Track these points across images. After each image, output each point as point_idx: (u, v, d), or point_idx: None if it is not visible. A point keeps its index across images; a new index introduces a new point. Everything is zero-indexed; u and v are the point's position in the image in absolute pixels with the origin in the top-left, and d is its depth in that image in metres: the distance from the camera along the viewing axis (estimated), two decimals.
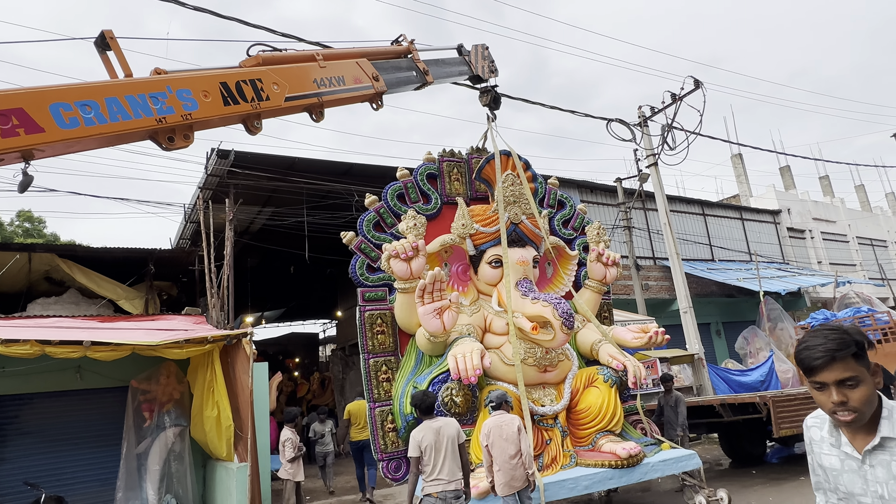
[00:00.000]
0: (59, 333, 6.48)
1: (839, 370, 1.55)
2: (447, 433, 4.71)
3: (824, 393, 1.59)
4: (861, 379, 1.55)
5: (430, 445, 4.66)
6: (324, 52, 5.58)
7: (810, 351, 1.59)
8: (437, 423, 4.79)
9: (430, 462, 4.65)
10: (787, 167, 27.48)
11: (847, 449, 1.63)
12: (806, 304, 18.90)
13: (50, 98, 3.48)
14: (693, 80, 12.07)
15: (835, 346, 1.55)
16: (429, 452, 4.66)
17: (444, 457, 4.64)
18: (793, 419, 7.54)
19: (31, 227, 20.22)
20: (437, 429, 4.72)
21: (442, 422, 4.84)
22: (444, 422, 4.85)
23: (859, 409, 1.55)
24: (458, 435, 4.77)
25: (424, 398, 4.97)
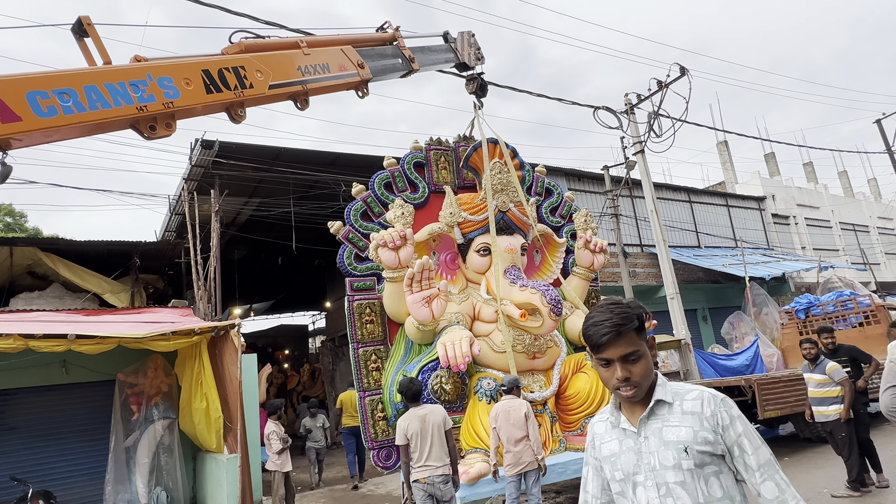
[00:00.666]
0: (43, 327, 6.40)
1: (624, 345, 1.54)
2: (433, 420, 4.74)
3: (609, 369, 1.57)
4: (642, 353, 1.56)
5: (416, 433, 4.69)
6: (308, 40, 5.50)
7: (597, 327, 1.55)
8: (422, 411, 4.82)
9: (416, 449, 4.69)
10: (771, 154, 27.74)
11: (625, 426, 1.63)
12: (790, 289, 19.17)
13: (27, 86, 3.40)
14: (679, 68, 12.09)
15: (620, 320, 1.53)
16: (415, 439, 4.69)
17: (431, 443, 4.67)
18: (777, 401, 7.67)
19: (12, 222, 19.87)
20: (423, 416, 4.76)
21: (428, 409, 4.87)
22: (430, 409, 4.88)
23: (640, 382, 1.55)
24: (444, 421, 4.80)
25: (410, 385, 4.99)
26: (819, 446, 8.12)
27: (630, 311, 1.57)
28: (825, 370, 5.82)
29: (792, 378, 8.01)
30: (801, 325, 11.98)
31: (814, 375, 5.96)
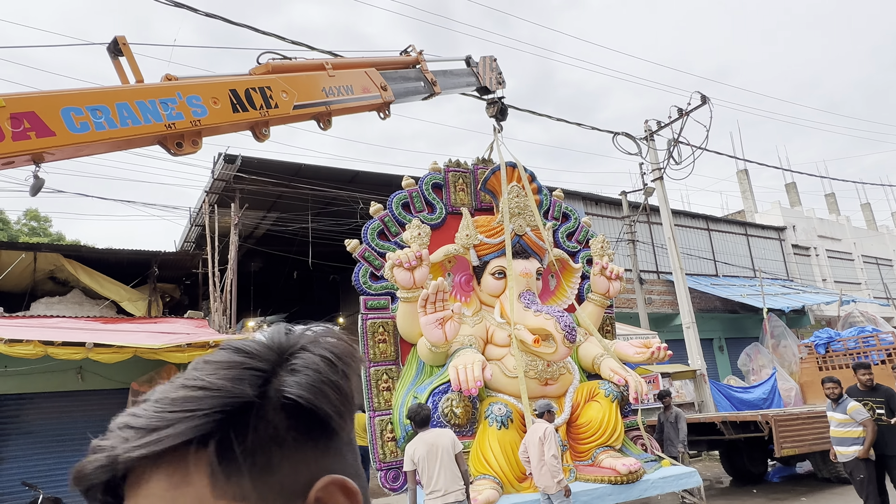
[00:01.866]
0: (62, 334, 6.50)
1: None
2: (441, 444, 4.67)
3: None
4: None
5: (423, 457, 4.64)
6: (333, 62, 5.62)
7: None
8: (430, 435, 4.76)
9: (424, 474, 4.63)
10: (792, 184, 27.44)
11: None
12: (810, 322, 18.79)
13: (62, 102, 3.52)
14: (700, 96, 12.09)
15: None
16: (422, 464, 4.64)
17: (440, 468, 4.61)
18: (795, 439, 7.48)
19: (37, 227, 20.32)
20: (431, 441, 4.70)
21: (436, 433, 4.81)
22: (438, 433, 4.83)
23: None
24: (453, 445, 4.73)
25: (419, 410, 4.96)
26: (837, 486, 7.88)
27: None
28: (846, 410, 5.67)
29: (811, 415, 7.81)
30: (820, 360, 11.71)
31: (835, 414, 5.81)
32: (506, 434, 5.87)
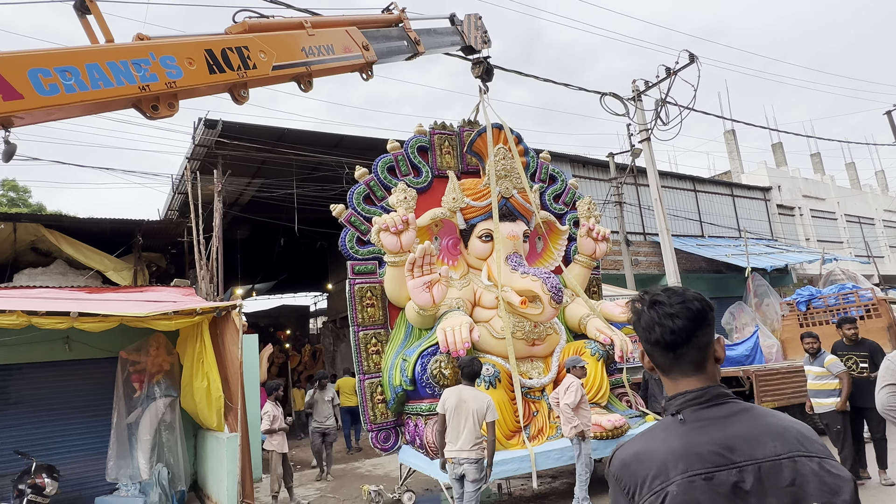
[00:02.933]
0: (45, 304, 6.44)
1: None
2: (474, 406, 4.72)
3: None
4: None
5: (451, 409, 4.75)
6: (312, 20, 5.44)
7: None
8: (468, 392, 4.84)
9: (450, 424, 4.75)
10: (779, 144, 27.49)
11: None
12: (792, 281, 19.14)
13: (28, 63, 3.38)
14: (688, 55, 11.93)
15: None
16: (450, 414, 4.76)
17: (464, 426, 4.69)
18: (774, 392, 7.70)
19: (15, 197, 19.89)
20: (466, 398, 4.76)
21: (474, 394, 4.85)
22: (477, 395, 4.85)
23: None
24: (487, 411, 4.73)
25: (470, 364, 4.99)
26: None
27: None
28: (823, 363, 5.83)
29: (790, 370, 8.03)
30: (801, 317, 11.97)
31: (813, 368, 5.98)
32: (494, 394, 5.97)
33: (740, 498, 1.08)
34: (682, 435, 1.17)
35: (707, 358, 1.26)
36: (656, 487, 1.11)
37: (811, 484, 1.09)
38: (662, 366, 1.28)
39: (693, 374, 1.25)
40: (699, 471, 1.10)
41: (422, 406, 6.10)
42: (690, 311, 1.25)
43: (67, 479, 6.85)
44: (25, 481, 6.07)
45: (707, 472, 1.10)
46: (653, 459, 1.15)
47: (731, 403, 1.21)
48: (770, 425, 1.17)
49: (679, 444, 1.15)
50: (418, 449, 6.07)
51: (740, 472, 1.10)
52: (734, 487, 1.08)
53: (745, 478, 1.09)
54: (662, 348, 1.26)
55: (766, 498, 1.08)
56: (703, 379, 1.25)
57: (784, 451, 1.12)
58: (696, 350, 1.25)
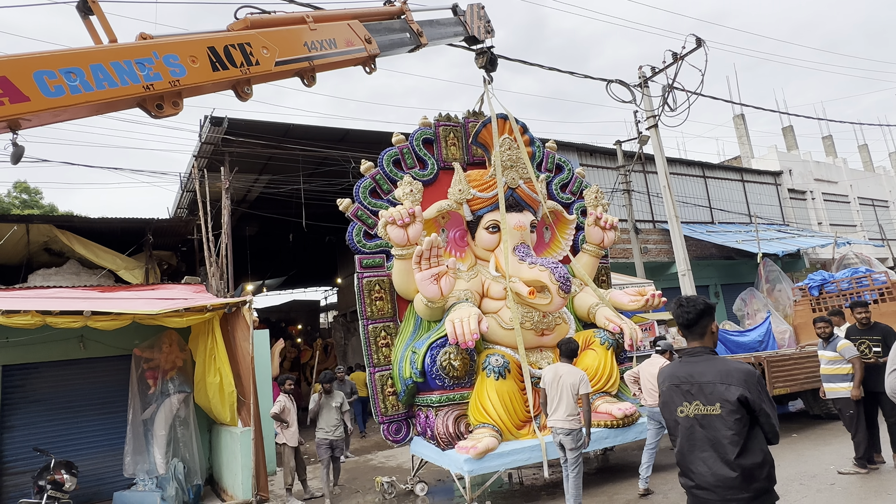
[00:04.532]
0: (59, 304, 6.53)
1: None
2: (567, 380, 5.06)
3: None
4: None
5: (548, 383, 5.17)
6: (314, 14, 5.43)
7: None
8: (563, 368, 5.17)
9: (549, 397, 5.15)
10: (789, 127, 27.13)
11: None
12: (805, 266, 18.95)
13: (33, 65, 3.40)
14: (695, 39, 11.77)
15: None
16: (548, 388, 5.16)
17: (559, 398, 5.06)
18: (786, 378, 7.66)
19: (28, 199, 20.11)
20: (560, 373, 5.12)
21: (568, 369, 5.15)
22: (570, 370, 5.15)
23: None
24: (579, 384, 5.04)
25: (568, 343, 5.36)
26: (828, 423, 8.12)
27: None
28: (836, 348, 5.78)
29: (802, 355, 7.98)
30: (814, 301, 11.86)
31: (826, 353, 5.93)
32: (503, 384, 6.00)
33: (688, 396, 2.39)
34: (676, 366, 2.53)
35: (705, 333, 2.50)
36: (660, 386, 2.58)
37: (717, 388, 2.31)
38: (684, 335, 2.54)
39: (694, 340, 2.51)
40: (674, 382, 2.47)
41: (432, 398, 6.12)
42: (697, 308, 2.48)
43: (86, 474, 6.97)
44: (45, 478, 6.19)
45: (677, 383, 2.45)
46: (663, 373, 2.58)
47: (702, 355, 2.46)
48: (716, 367, 2.37)
49: (672, 370, 2.53)
50: (429, 440, 6.10)
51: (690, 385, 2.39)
52: (686, 391, 2.40)
53: (692, 389, 2.38)
54: (683, 326, 2.53)
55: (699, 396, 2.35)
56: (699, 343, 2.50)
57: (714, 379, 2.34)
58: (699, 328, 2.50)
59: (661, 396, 2.52)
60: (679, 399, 2.38)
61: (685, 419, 2.35)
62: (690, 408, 2.34)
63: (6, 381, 7.21)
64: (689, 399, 2.35)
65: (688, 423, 2.34)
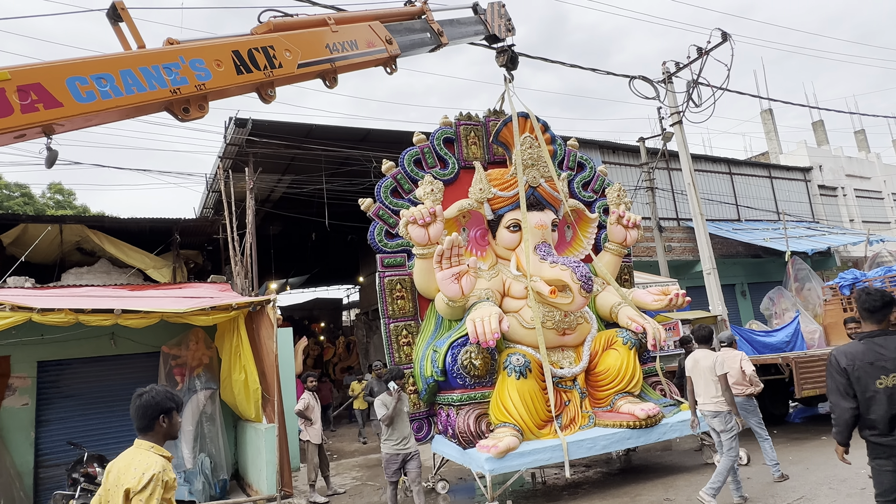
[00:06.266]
0: (91, 302, 6.73)
1: None
2: (704, 364, 5.27)
3: None
4: None
5: (690, 369, 5.41)
6: (336, 16, 5.48)
7: None
8: (700, 353, 5.37)
9: (693, 383, 5.38)
10: (819, 122, 26.43)
11: None
12: (836, 264, 18.46)
13: (66, 72, 3.51)
14: (721, 33, 11.55)
15: None
16: (692, 374, 5.39)
17: (702, 385, 5.28)
18: (816, 380, 7.47)
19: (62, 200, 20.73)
20: (698, 358, 5.36)
21: (704, 353, 5.35)
22: (706, 354, 5.34)
23: None
24: (715, 366, 5.20)
25: (700, 330, 5.58)
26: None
27: None
28: None
29: None
30: (845, 301, 11.55)
31: None
32: (524, 383, 5.99)
33: (885, 370, 2.86)
34: (859, 347, 2.99)
35: (883, 320, 2.97)
36: (845, 365, 2.98)
37: None
38: (863, 318, 3.04)
39: (873, 325, 3.00)
40: (867, 360, 2.92)
41: (453, 396, 6.15)
42: (884, 299, 2.98)
43: None
44: (78, 470, 6.38)
45: (871, 361, 2.91)
46: (847, 355, 3.00)
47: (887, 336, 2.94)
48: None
49: (857, 351, 2.98)
50: (451, 439, 6.12)
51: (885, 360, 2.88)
52: (882, 367, 2.88)
53: (887, 364, 2.87)
54: (866, 311, 3.00)
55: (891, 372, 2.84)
56: (877, 327, 2.99)
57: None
58: (880, 315, 2.96)
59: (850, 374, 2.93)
60: (875, 374, 2.86)
61: (885, 389, 2.85)
62: (888, 379, 2.84)
63: (41, 376, 7.46)
64: (885, 373, 2.84)
65: (888, 392, 2.85)
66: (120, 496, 2.26)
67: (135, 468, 2.31)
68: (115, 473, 2.36)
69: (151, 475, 2.28)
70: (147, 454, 2.39)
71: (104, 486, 2.38)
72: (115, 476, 2.35)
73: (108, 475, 2.37)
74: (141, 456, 2.37)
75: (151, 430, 2.50)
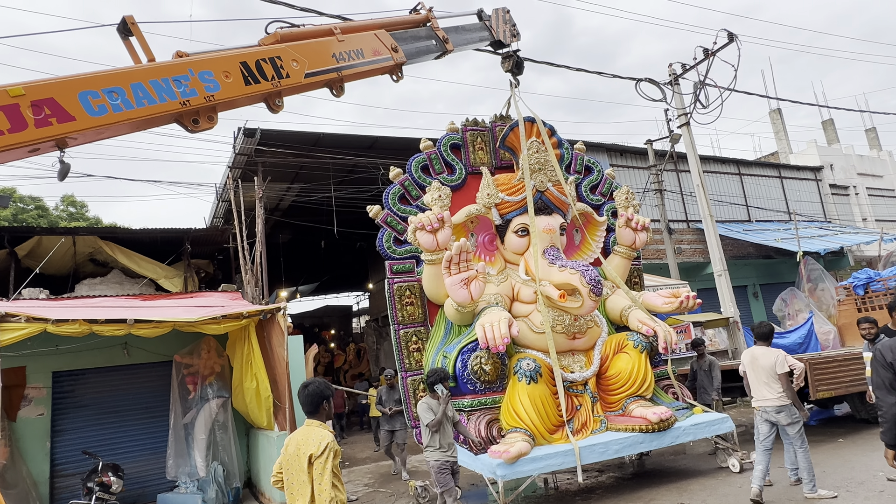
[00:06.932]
0: (104, 312, 6.80)
1: None
2: (763, 362, 5.33)
3: None
4: None
5: (747, 365, 5.48)
6: (342, 26, 5.54)
7: None
8: (759, 350, 5.45)
9: (750, 379, 5.45)
10: (829, 121, 26.20)
11: None
12: (849, 264, 18.25)
13: (78, 86, 3.57)
14: (727, 34, 11.52)
15: None
16: (748, 371, 5.46)
17: (757, 380, 5.35)
18: (831, 381, 7.38)
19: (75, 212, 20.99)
20: (756, 355, 5.41)
21: (763, 351, 5.40)
22: (766, 351, 5.39)
23: None
24: (774, 365, 5.25)
25: (760, 327, 5.63)
26: (876, 427, 7.77)
27: None
28: None
29: (847, 357, 7.69)
30: (859, 301, 11.42)
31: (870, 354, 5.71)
32: (535, 388, 5.97)
33: None
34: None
35: None
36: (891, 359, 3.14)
37: None
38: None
39: None
40: None
41: (464, 402, 6.13)
42: None
43: (131, 477, 7.23)
44: (93, 479, 6.45)
45: None
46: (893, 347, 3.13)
47: None
48: None
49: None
50: (462, 445, 6.11)
51: None
52: None
53: None
54: None
55: None
56: None
57: None
58: None
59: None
60: None
61: None
62: None
63: (56, 386, 7.55)
64: None
65: None
66: (304, 460, 3.03)
67: (313, 439, 3.05)
68: (294, 445, 3.12)
69: (326, 444, 3.02)
70: (319, 429, 3.12)
71: (284, 456, 3.16)
72: (295, 446, 3.10)
73: (288, 447, 3.14)
74: (315, 430, 3.10)
75: (317, 413, 3.22)
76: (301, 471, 3.03)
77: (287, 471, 3.12)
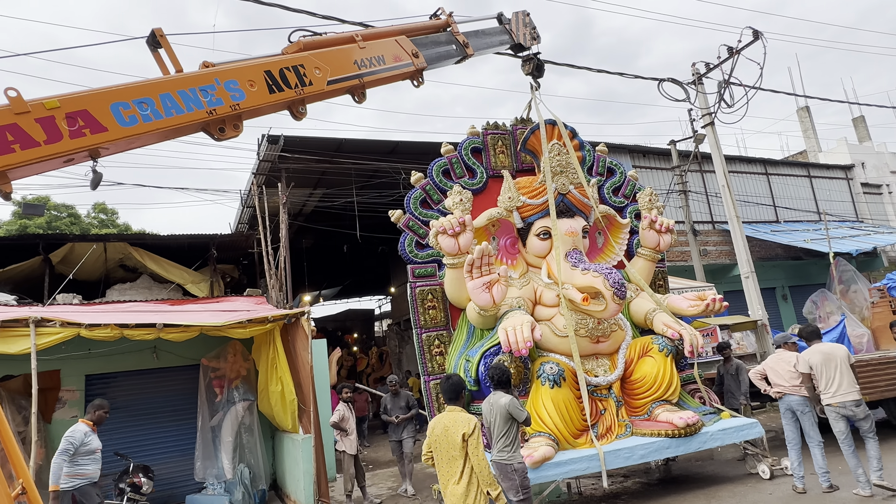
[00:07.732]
0: (134, 317, 6.97)
1: None
2: (837, 354, 5.52)
3: None
4: None
5: (817, 364, 5.57)
6: (363, 33, 5.60)
7: None
8: (825, 347, 5.63)
9: (822, 377, 5.52)
10: (860, 118, 25.50)
11: None
12: (883, 265, 17.73)
13: (110, 98, 3.68)
14: (752, 32, 11.32)
15: None
16: (819, 369, 5.55)
17: (837, 373, 5.46)
18: (866, 385, 7.15)
19: (105, 219, 21.57)
20: (827, 351, 5.56)
21: (830, 346, 5.62)
22: (833, 346, 5.61)
23: None
24: (847, 356, 5.49)
25: (808, 327, 5.92)
26: None
27: None
28: None
29: (882, 361, 7.46)
30: (894, 303, 11.07)
31: None
32: (559, 392, 5.93)
33: None
34: None
35: None
36: None
37: None
38: None
39: None
40: None
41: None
42: None
43: (160, 478, 7.38)
44: (125, 480, 6.60)
45: None
46: None
47: None
48: None
49: None
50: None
51: None
52: None
53: None
54: None
55: None
56: None
57: None
58: None
59: None
60: None
61: None
62: None
63: (89, 389, 7.75)
64: None
65: None
66: (457, 437, 3.82)
67: (462, 421, 3.86)
68: (441, 427, 3.92)
69: (475, 424, 3.83)
70: (462, 413, 3.96)
71: (431, 437, 3.97)
72: (443, 427, 3.91)
73: (434, 429, 3.97)
74: (460, 414, 3.92)
75: (458, 400, 4.07)
76: (453, 447, 3.81)
77: (437, 449, 3.91)
